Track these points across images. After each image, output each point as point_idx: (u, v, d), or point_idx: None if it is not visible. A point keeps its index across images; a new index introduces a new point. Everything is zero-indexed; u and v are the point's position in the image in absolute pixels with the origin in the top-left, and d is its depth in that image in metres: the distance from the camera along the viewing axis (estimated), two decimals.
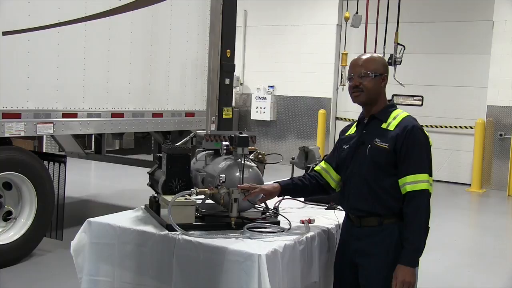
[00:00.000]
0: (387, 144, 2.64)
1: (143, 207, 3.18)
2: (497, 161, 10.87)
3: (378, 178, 2.66)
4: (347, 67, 2.88)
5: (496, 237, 7.41)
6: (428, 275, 5.10)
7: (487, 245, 7.04)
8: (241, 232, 2.69)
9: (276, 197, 2.99)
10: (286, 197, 3.35)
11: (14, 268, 5.02)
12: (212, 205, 2.93)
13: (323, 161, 3.05)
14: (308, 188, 2.98)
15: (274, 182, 2.94)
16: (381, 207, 2.66)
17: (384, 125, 2.71)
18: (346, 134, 2.93)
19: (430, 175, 2.64)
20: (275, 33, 13.26)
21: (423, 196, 2.60)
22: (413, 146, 2.62)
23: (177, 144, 3.43)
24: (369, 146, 2.69)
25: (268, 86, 13.39)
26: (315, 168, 3.06)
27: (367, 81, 2.71)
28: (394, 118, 2.71)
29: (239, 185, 2.72)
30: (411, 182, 2.59)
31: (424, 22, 11.61)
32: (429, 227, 2.64)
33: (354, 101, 2.79)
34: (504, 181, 10.67)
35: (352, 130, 2.90)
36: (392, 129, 2.67)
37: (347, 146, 2.83)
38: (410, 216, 2.59)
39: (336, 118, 13.02)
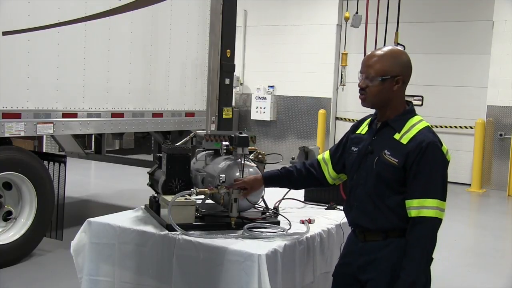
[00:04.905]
0: (397, 160, 2.35)
1: (143, 207, 3.18)
2: (497, 161, 10.87)
3: (383, 194, 2.39)
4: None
5: (496, 237, 7.41)
6: None
7: (487, 245, 7.03)
8: (241, 232, 2.69)
9: (275, 195, 2.96)
10: (286, 197, 3.36)
11: (14, 268, 5.01)
12: (212, 205, 2.94)
13: (327, 152, 2.82)
14: (298, 179, 2.81)
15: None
16: (386, 224, 2.41)
17: (397, 136, 2.39)
18: (356, 132, 2.64)
19: (443, 199, 2.35)
20: (275, 33, 13.25)
21: (428, 224, 2.30)
22: (425, 166, 2.31)
23: (177, 144, 3.42)
24: (377, 157, 2.40)
25: (268, 86, 13.38)
26: (317, 157, 2.86)
27: (373, 85, 2.39)
28: (410, 129, 2.39)
29: (233, 184, 2.71)
30: (417, 207, 2.31)
31: (424, 22, 11.60)
32: (432, 258, 2.35)
33: (362, 104, 2.49)
34: (504, 181, 10.66)
35: (363, 129, 2.61)
36: (405, 142, 2.36)
37: (356, 149, 2.56)
38: (411, 245, 2.31)
39: (336, 118, 13.02)
